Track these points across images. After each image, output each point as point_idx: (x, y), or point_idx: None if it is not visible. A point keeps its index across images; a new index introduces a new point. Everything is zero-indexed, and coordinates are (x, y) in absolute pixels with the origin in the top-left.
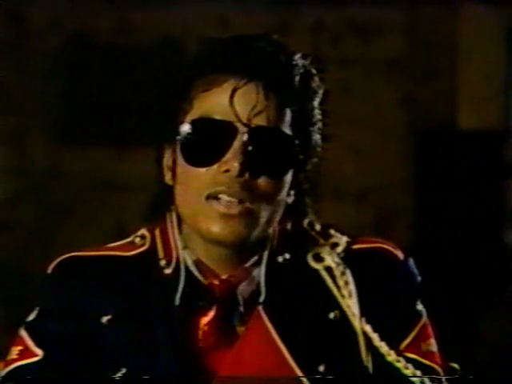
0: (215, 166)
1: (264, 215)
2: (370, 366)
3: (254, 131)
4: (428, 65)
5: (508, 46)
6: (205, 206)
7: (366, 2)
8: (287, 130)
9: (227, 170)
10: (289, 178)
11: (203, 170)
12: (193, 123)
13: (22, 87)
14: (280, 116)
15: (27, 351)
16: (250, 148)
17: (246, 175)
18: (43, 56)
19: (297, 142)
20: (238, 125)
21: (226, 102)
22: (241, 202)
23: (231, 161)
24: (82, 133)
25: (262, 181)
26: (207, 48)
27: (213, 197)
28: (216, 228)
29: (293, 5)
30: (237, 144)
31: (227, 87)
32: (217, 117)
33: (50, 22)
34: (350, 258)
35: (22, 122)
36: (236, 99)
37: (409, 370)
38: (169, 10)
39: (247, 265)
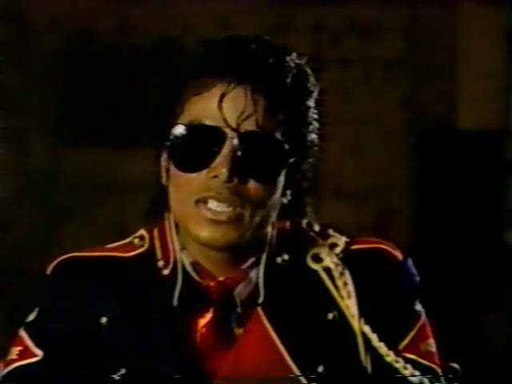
0: (204, 172)
1: (256, 219)
2: (368, 366)
3: (242, 136)
4: (428, 65)
5: (508, 45)
6: (194, 210)
7: (366, 2)
8: (277, 133)
9: (216, 176)
10: (281, 180)
11: (193, 174)
12: (181, 128)
13: (21, 87)
14: (269, 119)
15: (27, 351)
16: (238, 153)
17: (235, 180)
18: (43, 56)
19: (287, 145)
20: (227, 130)
21: (215, 106)
22: (230, 207)
23: (220, 166)
24: (82, 133)
25: (252, 185)
26: (198, 50)
27: (202, 201)
28: (205, 233)
29: (293, 5)
30: (226, 149)
31: (216, 92)
32: (206, 122)
33: (50, 21)
34: (348, 259)
35: (22, 122)
36: (224, 104)
37: (408, 371)
38: (169, 10)
39: (244, 266)
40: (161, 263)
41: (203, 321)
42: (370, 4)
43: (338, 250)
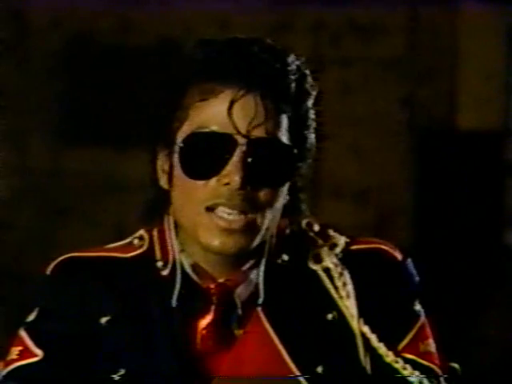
0: (214, 179)
1: (265, 223)
2: (368, 366)
3: (253, 143)
4: (428, 65)
5: (508, 45)
6: (204, 218)
7: (366, 2)
8: (285, 138)
9: (227, 183)
10: (287, 184)
11: (202, 182)
12: (191, 136)
13: (22, 87)
14: (278, 125)
15: (27, 351)
16: (249, 160)
17: (248, 188)
18: (43, 56)
19: (295, 150)
20: (238, 137)
21: (224, 113)
22: (241, 213)
23: (231, 174)
24: (82, 133)
25: (263, 191)
26: (199, 53)
27: (212, 209)
28: (217, 242)
29: (293, 5)
30: (236, 156)
31: (224, 98)
32: (215, 128)
33: (50, 21)
34: (348, 259)
35: (22, 122)
36: (234, 111)
37: (407, 371)
38: (169, 10)
39: (244, 268)
40: (160, 264)
41: (203, 322)
42: (370, 4)
43: (337, 250)
